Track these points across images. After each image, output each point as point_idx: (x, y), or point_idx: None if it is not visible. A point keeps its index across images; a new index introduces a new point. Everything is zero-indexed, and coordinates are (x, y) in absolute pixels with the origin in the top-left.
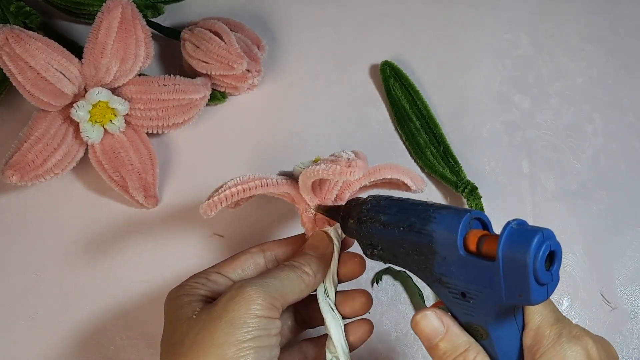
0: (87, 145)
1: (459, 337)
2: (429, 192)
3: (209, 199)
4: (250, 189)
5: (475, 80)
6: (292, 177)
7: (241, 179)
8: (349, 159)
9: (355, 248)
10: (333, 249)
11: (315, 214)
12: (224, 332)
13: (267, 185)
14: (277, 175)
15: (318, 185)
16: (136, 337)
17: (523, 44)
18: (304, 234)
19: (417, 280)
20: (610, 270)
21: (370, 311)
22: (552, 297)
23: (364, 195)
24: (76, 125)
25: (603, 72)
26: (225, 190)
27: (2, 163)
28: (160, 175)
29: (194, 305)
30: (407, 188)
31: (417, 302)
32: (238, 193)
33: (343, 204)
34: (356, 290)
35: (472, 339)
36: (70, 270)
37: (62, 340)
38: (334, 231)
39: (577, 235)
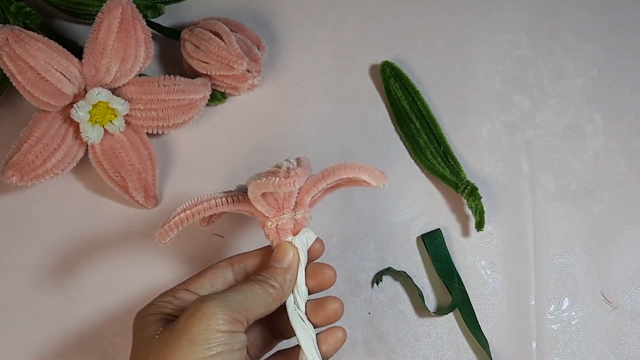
0: (87, 145)
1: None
2: (429, 192)
3: (161, 227)
4: (199, 212)
5: (475, 80)
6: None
7: (190, 202)
8: (288, 168)
9: (324, 258)
10: (299, 259)
11: (276, 225)
12: (184, 351)
13: (215, 206)
14: (235, 190)
15: (272, 196)
16: None
17: (523, 44)
18: (269, 246)
19: (417, 280)
20: (610, 270)
21: (343, 317)
22: (552, 296)
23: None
24: (76, 126)
25: (603, 72)
26: (174, 217)
27: (2, 163)
28: (160, 175)
29: (158, 324)
30: (368, 184)
31: (417, 302)
32: (187, 219)
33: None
34: (327, 297)
35: None
36: (70, 270)
37: (62, 340)
38: (298, 240)
39: (577, 235)
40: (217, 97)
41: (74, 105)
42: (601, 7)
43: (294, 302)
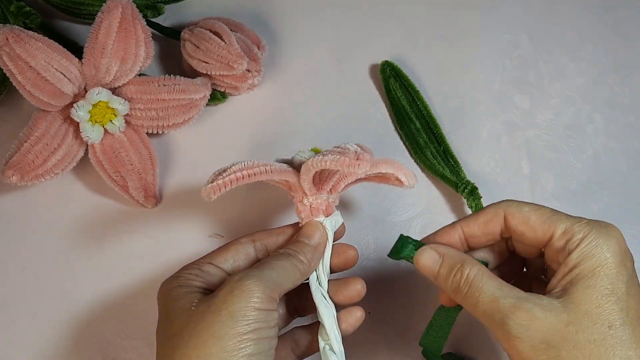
0: (87, 145)
1: (454, 258)
2: (429, 193)
3: (212, 182)
4: (255, 175)
5: (475, 80)
6: (290, 165)
7: (245, 164)
8: (356, 151)
9: (347, 239)
10: (327, 239)
11: (311, 203)
12: (224, 325)
13: (270, 172)
14: (276, 162)
15: (318, 175)
16: (136, 337)
17: (523, 44)
18: (294, 224)
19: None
20: None
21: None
22: None
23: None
24: (76, 125)
25: (603, 72)
26: (230, 174)
27: (2, 163)
28: (160, 175)
29: (191, 296)
30: (400, 183)
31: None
32: (243, 178)
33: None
34: (351, 278)
35: (467, 256)
36: (70, 270)
37: (62, 340)
38: (329, 221)
39: None
40: (217, 97)
41: (74, 105)
42: (601, 7)
43: (317, 279)
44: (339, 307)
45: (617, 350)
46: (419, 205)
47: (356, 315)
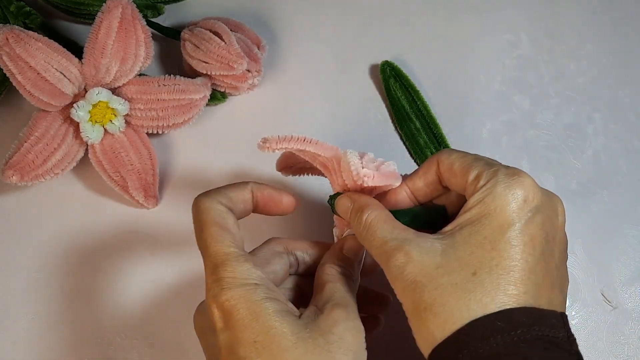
0: (87, 145)
1: (359, 202)
2: None
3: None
4: (308, 142)
5: (475, 80)
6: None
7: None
8: (372, 168)
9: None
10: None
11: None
12: None
13: (320, 146)
14: None
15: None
16: (136, 337)
17: (523, 44)
18: (323, 242)
19: None
20: (611, 269)
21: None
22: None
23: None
24: (76, 125)
25: (603, 72)
26: (285, 136)
27: (2, 163)
28: (160, 175)
29: (289, 319)
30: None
31: None
32: (297, 140)
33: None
34: (380, 292)
35: (373, 202)
36: (70, 270)
37: (62, 340)
38: None
39: (578, 235)
40: (217, 97)
41: (74, 105)
42: (601, 7)
43: None
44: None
45: (473, 294)
46: None
47: (379, 324)
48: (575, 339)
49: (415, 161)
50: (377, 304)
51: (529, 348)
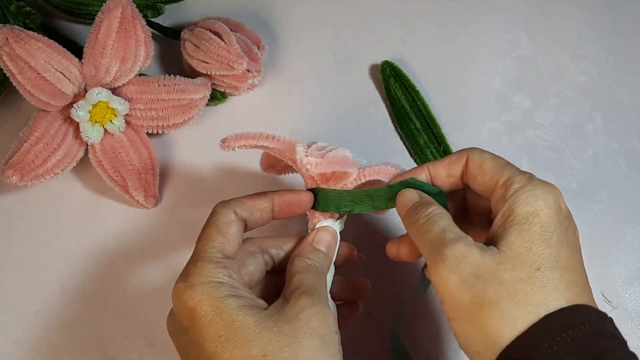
0: (87, 145)
1: (427, 199)
2: None
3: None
4: (265, 138)
5: (475, 80)
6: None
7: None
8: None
9: (347, 239)
10: (337, 243)
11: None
12: (322, 350)
13: (277, 140)
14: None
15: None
16: (136, 337)
17: (523, 44)
18: (297, 237)
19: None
20: (611, 269)
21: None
22: None
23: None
24: (76, 125)
25: (603, 72)
26: (243, 133)
27: (2, 163)
28: (160, 175)
29: (254, 312)
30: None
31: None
32: (253, 137)
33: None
34: (359, 278)
35: (437, 203)
36: (70, 270)
37: (62, 340)
38: (338, 225)
39: None
40: (217, 97)
41: (74, 105)
42: (601, 7)
43: None
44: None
45: (543, 289)
46: None
47: (357, 309)
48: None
49: (415, 161)
50: (356, 290)
51: (604, 342)
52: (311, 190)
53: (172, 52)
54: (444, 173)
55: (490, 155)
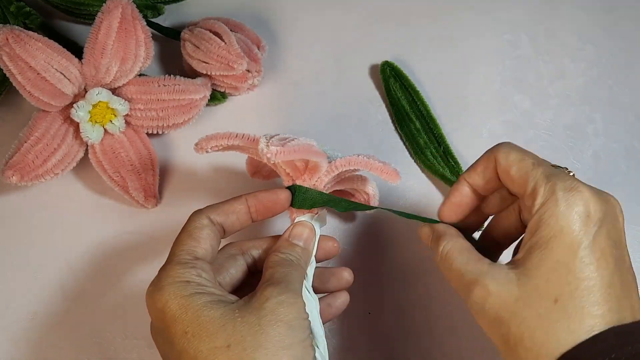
0: (87, 145)
1: (438, 232)
2: (429, 193)
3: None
4: (236, 137)
5: (475, 80)
6: None
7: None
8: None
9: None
10: (314, 237)
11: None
12: (287, 335)
13: (247, 139)
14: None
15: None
16: (136, 337)
17: (523, 44)
18: (275, 236)
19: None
20: None
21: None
22: None
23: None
24: (76, 126)
25: (603, 72)
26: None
27: (2, 163)
28: (160, 175)
29: (220, 306)
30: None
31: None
32: (225, 137)
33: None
34: (338, 267)
35: (450, 231)
36: (70, 270)
37: (62, 340)
38: (317, 219)
39: None
40: (217, 97)
41: (74, 105)
42: (601, 7)
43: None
44: (325, 292)
45: (560, 323)
46: (419, 206)
47: (342, 299)
48: None
49: (415, 161)
50: (337, 279)
51: None
52: (288, 188)
53: (172, 52)
54: (481, 181)
55: (517, 156)
